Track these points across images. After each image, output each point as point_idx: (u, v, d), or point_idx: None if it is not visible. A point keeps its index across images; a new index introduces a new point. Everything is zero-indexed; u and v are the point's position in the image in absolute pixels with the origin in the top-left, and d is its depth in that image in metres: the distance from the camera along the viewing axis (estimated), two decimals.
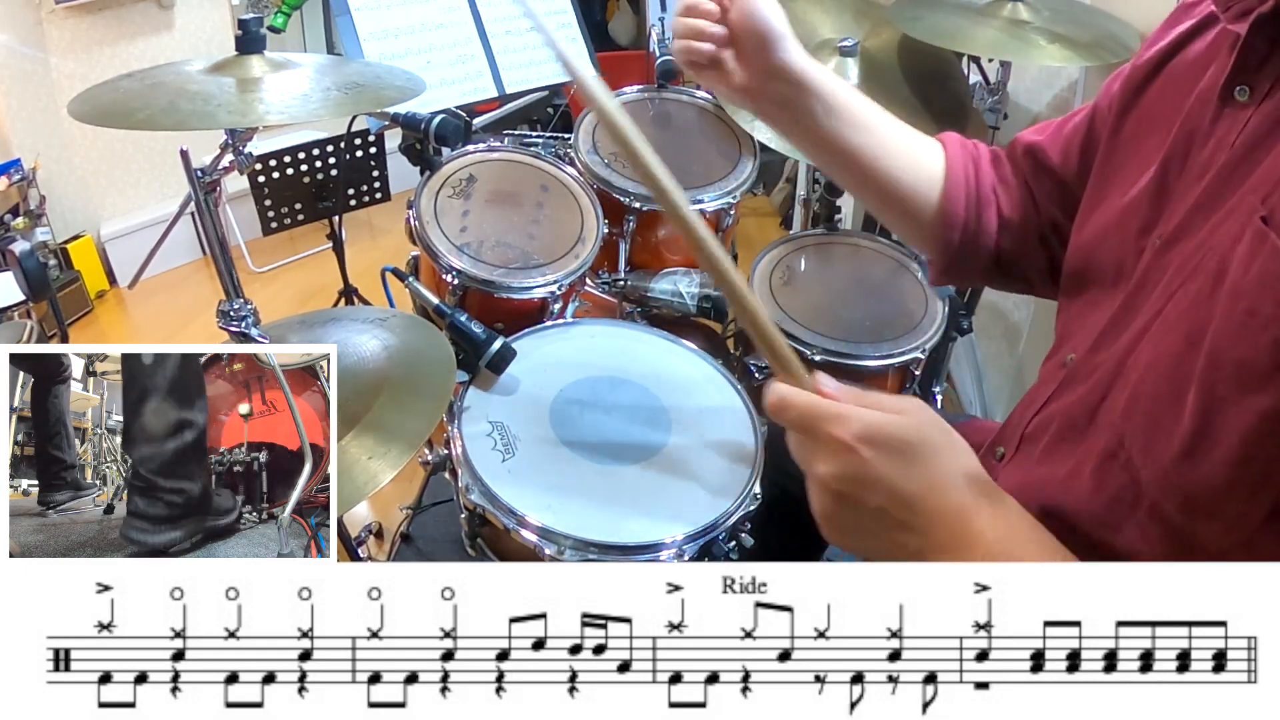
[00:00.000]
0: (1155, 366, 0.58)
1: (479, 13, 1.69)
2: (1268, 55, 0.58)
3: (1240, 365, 0.49)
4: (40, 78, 2.74)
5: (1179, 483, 0.54)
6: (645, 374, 1.23)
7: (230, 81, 0.92)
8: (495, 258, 1.39)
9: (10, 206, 2.69)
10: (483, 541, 1.13)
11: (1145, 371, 0.59)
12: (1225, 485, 0.51)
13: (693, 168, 1.65)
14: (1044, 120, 1.87)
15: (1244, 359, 0.49)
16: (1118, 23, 1.47)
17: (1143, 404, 0.58)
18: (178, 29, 3.02)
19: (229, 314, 0.98)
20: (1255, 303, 0.49)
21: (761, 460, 1.11)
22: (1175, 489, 0.55)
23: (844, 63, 1.62)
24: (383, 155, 2.39)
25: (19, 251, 1.38)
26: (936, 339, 1.48)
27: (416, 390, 0.99)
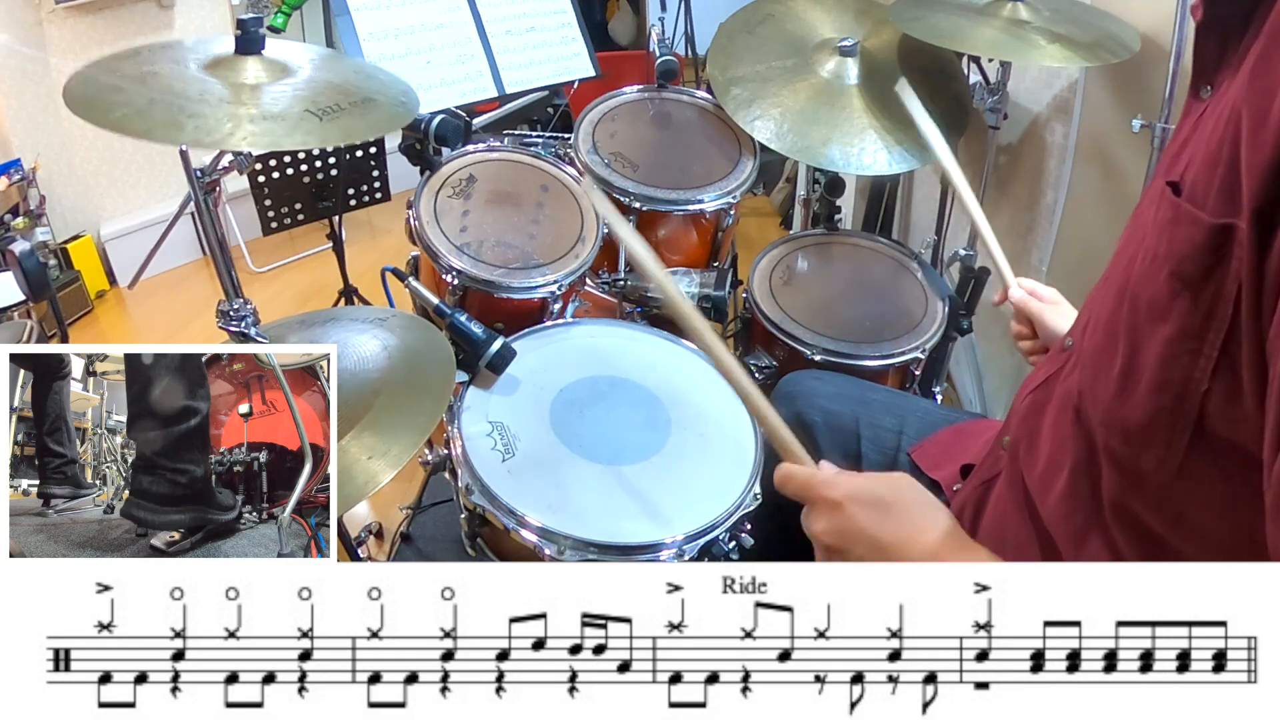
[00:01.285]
0: (1099, 322, 0.65)
1: (479, 13, 1.69)
2: (1220, 55, 0.61)
3: (1150, 303, 0.57)
4: (40, 78, 2.74)
5: (1117, 416, 0.60)
6: (645, 374, 1.23)
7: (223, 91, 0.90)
8: (495, 258, 1.39)
9: (10, 206, 2.69)
10: (483, 541, 1.13)
11: (1094, 328, 0.66)
12: (1152, 412, 0.56)
13: (693, 168, 1.65)
14: (1044, 120, 1.87)
15: (1152, 296, 0.56)
16: (1118, 23, 1.47)
17: (1090, 356, 0.65)
18: (178, 29, 3.02)
19: (229, 314, 0.98)
20: (1155, 247, 0.57)
21: (761, 460, 1.11)
22: (1115, 423, 0.60)
23: (844, 63, 1.63)
24: (383, 155, 2.39)
25: (19, 251, 1.38)
26: (936, 339, 1.48)
27: (416, 390, 0.99)
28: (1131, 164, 1.55)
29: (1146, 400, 0.57)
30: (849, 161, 1.52)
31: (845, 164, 1.53)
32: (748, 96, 1.60)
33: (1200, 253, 0.52)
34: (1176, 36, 1.35)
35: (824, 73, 1.63)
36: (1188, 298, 0.53)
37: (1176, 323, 0.54)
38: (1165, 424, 0.56)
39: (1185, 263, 0.53)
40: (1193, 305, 0.53)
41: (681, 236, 1.66)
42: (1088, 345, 0.67)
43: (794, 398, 1.15)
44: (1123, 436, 0.60)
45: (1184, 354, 0.53)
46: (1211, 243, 0.51)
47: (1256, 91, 0.50)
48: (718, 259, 1.71)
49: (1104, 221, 1.65)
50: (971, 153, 1.96)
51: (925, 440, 1.04)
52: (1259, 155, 0.48)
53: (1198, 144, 0.58)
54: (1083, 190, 1.73)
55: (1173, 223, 0.55)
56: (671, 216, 1.61)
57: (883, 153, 1.53)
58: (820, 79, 1.62)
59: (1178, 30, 1.34)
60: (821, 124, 1.55)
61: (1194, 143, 0.60)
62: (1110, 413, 0.61)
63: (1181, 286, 0.53)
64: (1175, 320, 0.54)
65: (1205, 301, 0.52)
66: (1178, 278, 0.54)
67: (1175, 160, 0.62)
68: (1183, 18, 1.33)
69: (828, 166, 1.58)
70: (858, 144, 1.53)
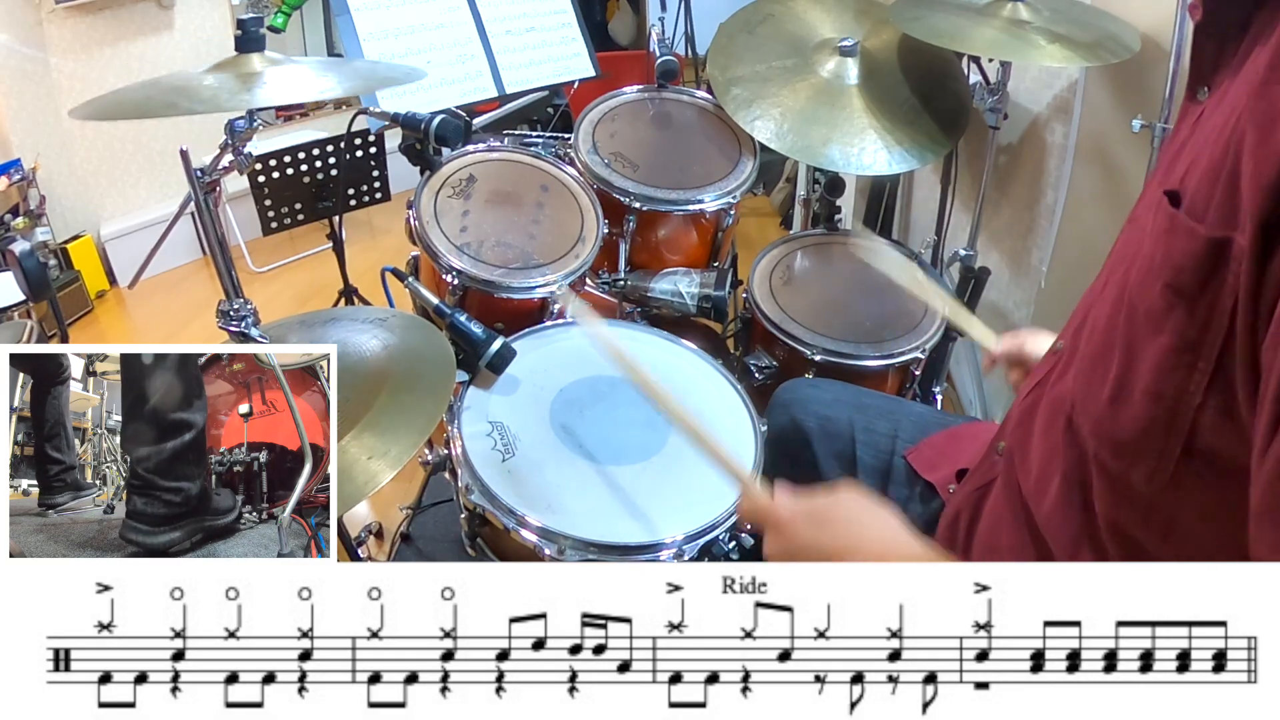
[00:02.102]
0: (1095, 332, 0.65)
1: (479, 13, 1.69)
2: (1217, 57, 0.61)
3: (1146, 314, 0.56)
4: (40, 78, 2.74)
5: (1109, 428, 0.60)
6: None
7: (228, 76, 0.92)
8: (495, 258, 1.39)
9: (10, 206, 2.69)
10: (483, 541, 1.13)
11: (1088, 336, 0.66)
12: (1145, 424, 0.56)
13: (693, 168, 1.65)
14: (1044, 120, 1.87)
15: (1148, 307, 0.56)
16: (1118, 22, 1.47)
17: (1084, 364, 0.65)
18: (178, 29, 3.02)
19: (229, 314, 0.98)
20: (1151, 256, 0.56)
21: (761, 460, 1.11)
22: (1106, 435, 0.60)
23: (844, 62, 1.63)
24: (383, 155, 2.39)
25: (19, 251, 1.38)
26: (936, 339, 1.48)
27: (416, 391, 0.99)
28: (1131, 164, 1.55)
29: (1139, 412, 0.56)
30: (849, 161, 1.52)
31: (845, 164, 1.53)
32: (748, 96, 1.60)
33: (1197, 265, 0.52)
34: (1176, 36, 1.35)
35: (824, 73, 1.63)
36: (1183, 310, 0.53)
37: (1172, 335, 0.53)
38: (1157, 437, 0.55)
39: (1181, 275, 0.53)
40: (1188, 318, 0.52)
41: (681, 236, 1.66)
42: (1083, 351, 0.66)
43: (789, 405, 1.15)
44: (1113, 449, 0.60)
45: (1179, 367, 0.53)
46: (1209, 256, 0.51)
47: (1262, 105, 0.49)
48: (718, 259, 1.71)
49: (1104, 221, 1.65)
50: (971, 153, 1.96)
51: (920, 443, 1.04)
52: (1265, 169, 0.47)
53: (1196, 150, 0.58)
54: (1083, 190, 1.73)
55: (1169, 233, 0.55)
56: (671, 216, 1.61)
57: (883, 153, 1.53)
58: (820, 79, 1.62)
59: (1178, 30, 1.34)
60: (821, 124, 1.55)
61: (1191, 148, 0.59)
62: (1101, 424, 0.61)
63: (1177, 298, 0.53)
64: (1170, 332, 0.54)
65: (1201, 314, 0.52)
66: (1174, 290, 0.53)
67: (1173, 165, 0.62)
68: (1182, 18, 1.33)
69: (828, 166, 1.58)
70: (858, 144, 1.53)
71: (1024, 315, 1.99)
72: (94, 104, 0.92)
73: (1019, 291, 2.02)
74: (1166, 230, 0.55)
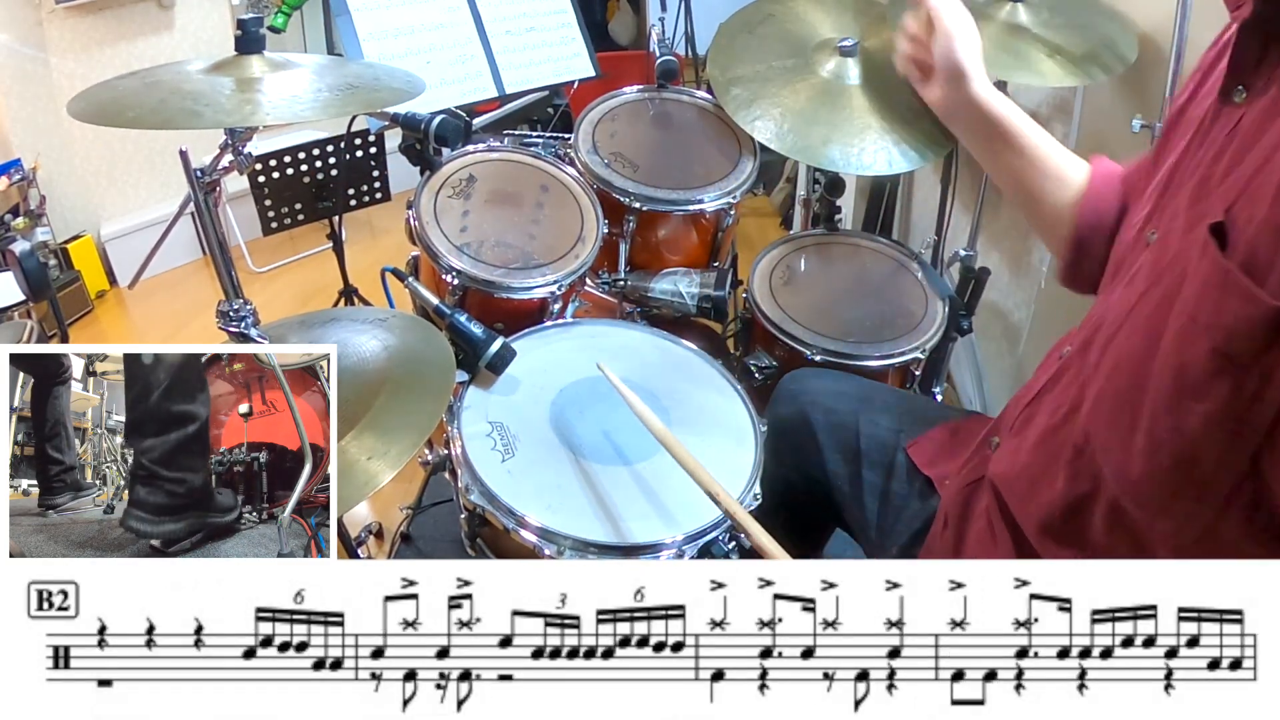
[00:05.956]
0: (1121, 366, 0.60)
1: (479, 13, 1.69)
2: (1261, 56, 0.57)
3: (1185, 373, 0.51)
4: (40, 78, 2.74)
5: (1135, 480, 0.56)
6: (645, 374, 1.23)
7: (228, 81, 0.92)
8: (495, 258, 1.39)
9: (10, 206, 2.69)
10: (482, 541, 1.13)
11: (1112, 370, 0.61)
12: (1175, 485, 0.52)
13: (693, 168, 1.65)
14: (1044, 120, 1.87)
15: (1187, 367, 0.51)
16: (1117, 24, 1.47)
17: (1107, 402, 0.60)
18: (178, 29, 3.02)
19: (229, 314, 0.98)
20: (1196, 311, 0.51)
21: (761, 460, 1.11)
22: (1131, 486, 0.57)
23: (844, 63, 1.62)
24: (383, 155, 2.39)
25: (19, 251, 1.38)
26: (936, 339, 1.48)
27: (416, 390, 0.99)
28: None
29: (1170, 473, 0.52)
30: (849, 161, 1.52)
31: (845, 164, 1.53)
32: (748, 96, 1.59)
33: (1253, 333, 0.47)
34: (1177, 37, 1.35)
35: (824, 73, 1.63)
36: (1231, 378, 0.48)
37: (1217, 402, 0.49)
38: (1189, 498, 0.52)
39: (1234, 341, 0.48)
40: (1236, 388, 0.48)
41: (681, 236, 1.66)
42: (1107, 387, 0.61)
43: (796, 395, 1.16)
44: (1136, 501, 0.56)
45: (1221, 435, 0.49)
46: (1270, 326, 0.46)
47: None
48: (718, 259, 1.71)
49: None
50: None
51: (921, 437, 1.04)
52: None
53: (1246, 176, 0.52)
54: None
55: (1221, 290, 0.49)
56: (671, 216, 1.61)
57: (883, 153, 1.53)
58: (820, 79, 1.62)
59: (1178, 31, 1.34)
60: (821, 124, 1.55)
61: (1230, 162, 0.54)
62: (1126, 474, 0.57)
63: (1226, 365, 0.48)
64: (1215, 399, 0.49)
65: (1251, 385, 0.47)
66: (1224, 356, 0.48)
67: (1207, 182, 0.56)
68: (1183, 18, 1.33)
69: (828, 166, 1.58)
70: (858, 144, 1.53)
71: (1023, 315, 1.99)
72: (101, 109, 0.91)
73: (1019, 291, 2.02)
74: (1218, 285, 0.49)
